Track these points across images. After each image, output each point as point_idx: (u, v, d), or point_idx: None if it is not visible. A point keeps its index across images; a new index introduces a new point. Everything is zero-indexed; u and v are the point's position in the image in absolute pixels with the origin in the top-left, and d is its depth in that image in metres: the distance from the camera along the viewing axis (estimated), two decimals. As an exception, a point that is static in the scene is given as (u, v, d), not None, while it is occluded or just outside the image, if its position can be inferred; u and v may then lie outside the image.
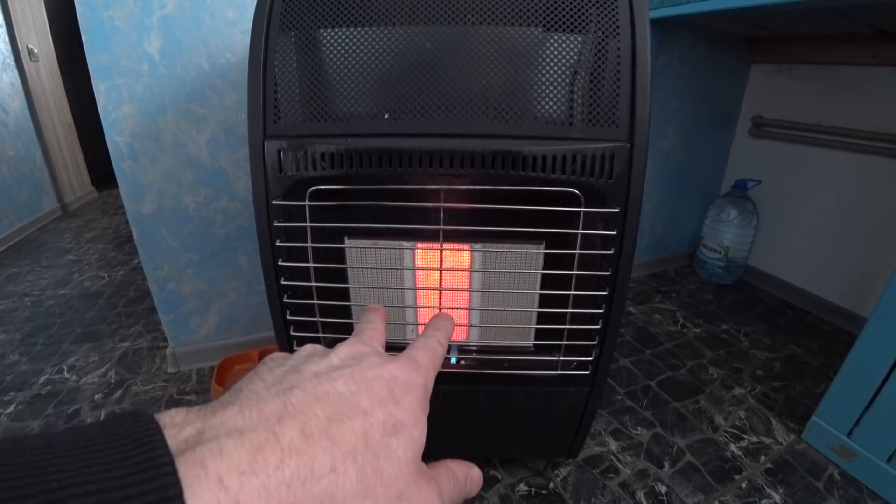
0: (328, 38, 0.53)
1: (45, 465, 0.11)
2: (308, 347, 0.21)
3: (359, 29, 0.52)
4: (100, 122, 0.88)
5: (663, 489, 0.84)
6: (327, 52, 0.53)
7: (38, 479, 0.11)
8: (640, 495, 0.83)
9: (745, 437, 0.95)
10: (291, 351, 0.69)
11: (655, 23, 1.16)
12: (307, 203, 0.55)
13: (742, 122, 1.54)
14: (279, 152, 0.54)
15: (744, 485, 0.84)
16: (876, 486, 0.82)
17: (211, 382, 1.06)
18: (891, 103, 1.16)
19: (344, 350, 0.20)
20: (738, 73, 1.48)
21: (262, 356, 1.11)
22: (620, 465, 0.89)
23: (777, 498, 0.82)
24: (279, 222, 0.56)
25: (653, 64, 0.52)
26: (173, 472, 0.12)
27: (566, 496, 0.82)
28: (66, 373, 1.16)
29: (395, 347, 0.28)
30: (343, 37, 0.53)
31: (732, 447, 0.93)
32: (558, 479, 0.86)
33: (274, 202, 0.56)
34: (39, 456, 0.12)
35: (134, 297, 1.55)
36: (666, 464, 0.89)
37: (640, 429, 0.97)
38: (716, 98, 1.48)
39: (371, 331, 0.24)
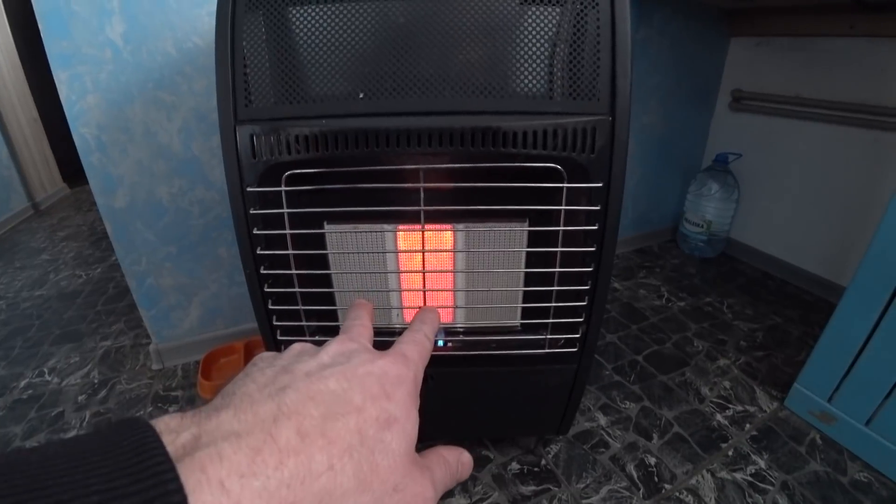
0: (298, 16, 0.51)
1: (45, 477, 0.11)
2: (297, 346, 0.21)
3: (329, 6, 0.50)
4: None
5: (652, 461, 0.85)
6: (297, 30, 0.51)
7: (41, 492, 0.11)
8: (631, 468, 0.84)
9: (730, 406, 0.97)
10: (276, 342, 0.66)
11: (634, -4, 1.15)
12: (283, 189, 0.54)
13: (722, 96, 1.54)
14: (252, 137, 0.52)
15: (730, 453, 0.86)
16: (855, 449, 0.85)
17: (197, 377, 1.04)
18: (867, 74, 1.17)
19: (333, 348, 0.21)
20: (717, 47, 1.48)
21: (247, 348, 1.09)
22: (610, 439, 0.90)
23: (762, 464, 0.84)
24: (255, 209, 0.55)
25: (632, 38, 0.51)
26: (176, 479, 0.12)
27: (558, 472, 0.83)
28: (47, 375, 1.13)
29: (380, 332, 0.28)
30: (313, 14, 0.51)
31: (718, 417, 0.95)
32: (549, 455, 0.87)
33: (249, 189, 0.54)
34: (37, 469, 0.12)
35: (113, 294, 1.51)
36: (654, 436, 0.91)
37: (628, 403, 0.99)
38: (696, 72, 1.48)
39: (359, 327, 0.24)
